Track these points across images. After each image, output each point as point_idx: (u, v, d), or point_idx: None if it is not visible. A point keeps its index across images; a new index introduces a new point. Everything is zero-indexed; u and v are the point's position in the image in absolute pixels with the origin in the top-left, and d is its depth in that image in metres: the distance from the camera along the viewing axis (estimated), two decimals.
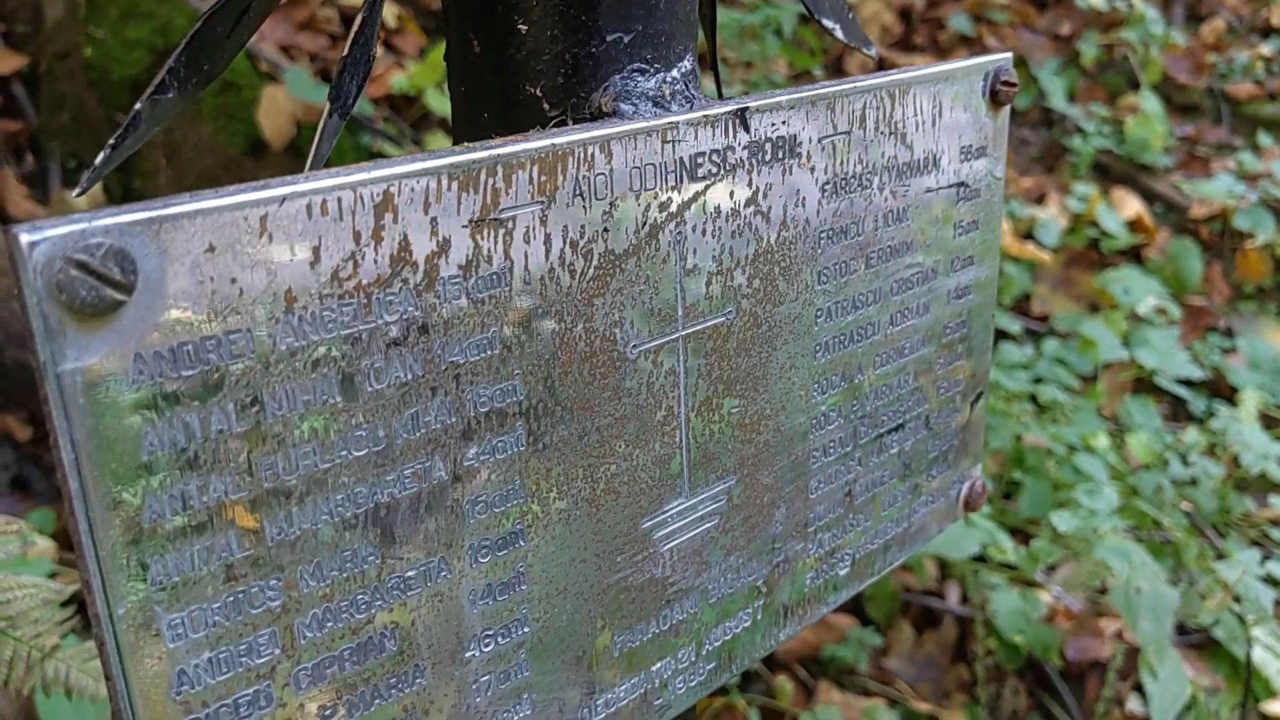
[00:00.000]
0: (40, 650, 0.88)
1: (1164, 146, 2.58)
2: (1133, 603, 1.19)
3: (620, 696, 0.50)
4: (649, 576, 0.50)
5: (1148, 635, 1.16)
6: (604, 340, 0.45)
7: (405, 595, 0.41)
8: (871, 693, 1.80)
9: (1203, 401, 2.05)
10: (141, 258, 0.32)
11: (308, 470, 0.38)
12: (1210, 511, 1.65)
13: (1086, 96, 2.76)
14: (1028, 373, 1.87)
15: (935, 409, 0.63)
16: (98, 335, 0.32)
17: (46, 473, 1.65)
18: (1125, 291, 2.11)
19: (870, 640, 1.81)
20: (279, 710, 0.39)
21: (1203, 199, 2.46)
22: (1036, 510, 1.61)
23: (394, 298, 0.38)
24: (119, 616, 0.34)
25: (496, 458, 0.43)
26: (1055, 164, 2.58)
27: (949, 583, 1.91)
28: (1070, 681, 1.84)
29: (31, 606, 0.90)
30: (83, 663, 0.89)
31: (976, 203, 0.61)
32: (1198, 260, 2.33)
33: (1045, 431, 1.65)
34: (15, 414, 1.68)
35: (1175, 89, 2.78)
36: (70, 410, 0.32)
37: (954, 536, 1.39)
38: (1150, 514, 1.52)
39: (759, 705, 1.73)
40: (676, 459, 0.50)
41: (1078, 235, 2.35)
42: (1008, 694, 1.80)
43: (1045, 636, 1.70)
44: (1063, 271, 2.29)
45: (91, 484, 0.33)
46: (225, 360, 0.35)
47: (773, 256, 0.51)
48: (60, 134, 1.91)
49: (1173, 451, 1.75)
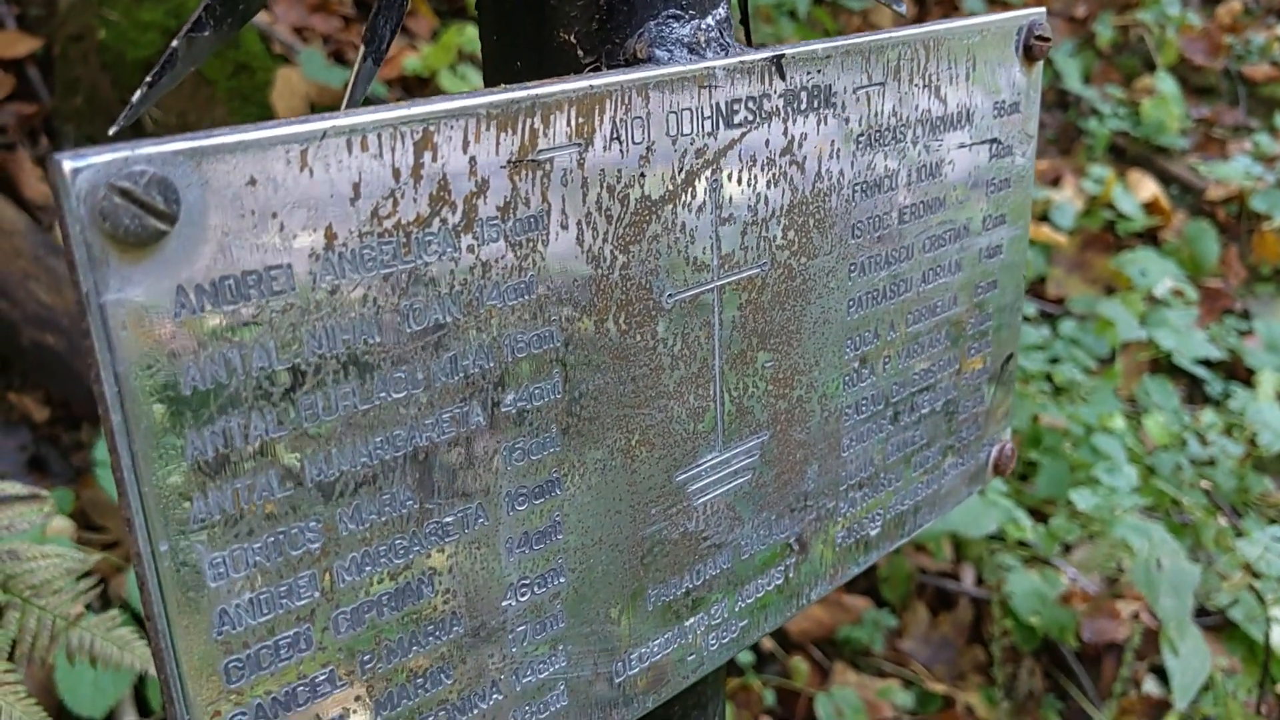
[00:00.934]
0: (64, 619, 0.89)
1: (1180, 128, 2.57)
2: (1154, 579, 1.19)
3: (654, 651, 0.50)
4: (683, 530, 0.50)
5: (1169, 611, 1.16)
6: (640, 288, 0.45)
7: (443, 541, 0.41)
8: (887, 674, 1.80)
9: (1219, 383, 2.04)
10: (184, 188, 0.32)
11: (347, 411, 0.37)
12: (1229, 491, 1.65)
13: (1102, 78, 2.74)
14: (1044, 353, 1.86)
15: (965, 370, 0.63)
16: (140, 266, 0.32)
17: (64, 453, 1.65)
18: (1142, 273, 2.10)
19: (885, 622, 1.81)
20: (318, 654, 0.39)
21: (1219, 181, 2.44)
22: (1054, 490, 1.61)
23: (433, 238, 0.38)
24: (161, 554, 0.34)
25: (533, 404, 0.43)
26: (1071, 146, 2.56)
27: (964, 564, 1.91)
28: (1086, 663, 1.83)
29: (55, 576, 0.90)
30: (107, 631, 0.89)
31: (1008, 160, 0.61)
32: (1214, 242, 2.31)
33: (1063, 411, 1.64)
34: (32, 395, 1.68)
35: (1191, 71, 2.76)
36: (113, 342, 0.32)
37: (973, 514, 1.38)
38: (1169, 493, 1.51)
39: (774, 686, 1.73)
40: (710, 412, 0.49)
41: (1093, 217, 2.34)
42: (1024, 675, 1.80)
43: (1061, 618, 1.70)
44: (1078, 254, 2.28)
45: (134, 418, 0.33)
46: (266, 296, 0.35)
47: (807, 208, 0.50)
48: (74, 116, 1.91)
49: (1190, 431, 1.74)
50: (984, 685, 1.78)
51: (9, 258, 1.60)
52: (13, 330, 1.59)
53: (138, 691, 1.48)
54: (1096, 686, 1.79)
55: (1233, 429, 1.80)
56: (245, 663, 0.37)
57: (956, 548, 1.90)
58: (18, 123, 1.88)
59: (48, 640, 0.88)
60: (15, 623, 0.88)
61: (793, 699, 1.73)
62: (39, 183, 1.81)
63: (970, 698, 1.76)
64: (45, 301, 1.60)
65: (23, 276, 1.60)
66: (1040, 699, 1.78)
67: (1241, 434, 1.76)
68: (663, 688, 0.51)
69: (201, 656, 0.36)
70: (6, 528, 0.91)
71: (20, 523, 0.91)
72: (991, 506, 1.44)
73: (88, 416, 1.63)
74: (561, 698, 0.47)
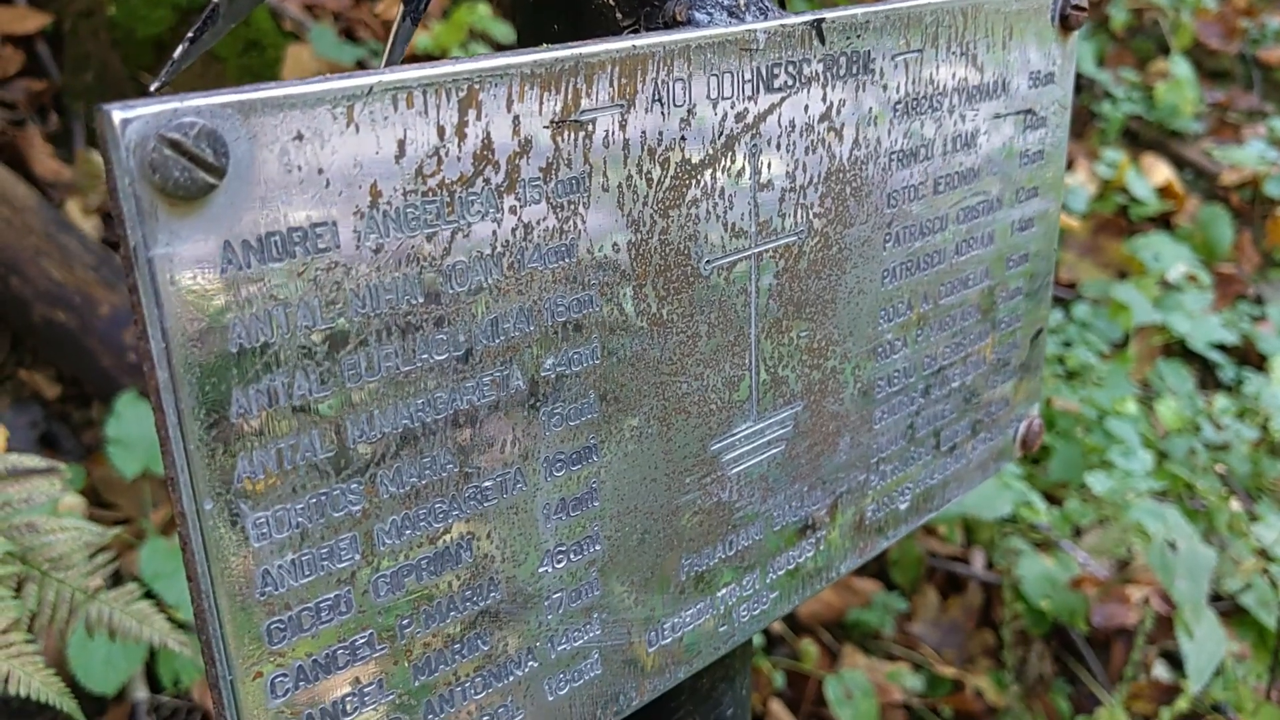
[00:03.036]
0: (83, 592, 0.89)
1: (1194, 112, 2.55)
2: (1169, 562, 1.18)
3: (686, 621, 0.50)
4: (716, 500, 0.49)
5: (1184, 594, 1.15)
6: (678, 254, 0.44)
7: (482, 506, 0.41)
8: (896, 657, 1.80)
9: (1233, 369, 2.03)
10: (232, 141, 0.32)
11: (389, 372, 0.37)
12: (1243, 476, 1.64)
13: (1116, 62, 2.72)
14: (1056, 337, 1.85)
15: (996, 344, 0.62)
16: (188, 220, 0.31)
17: (75, 430, 1.66)
18: (1155, 258, 2.09)
19: (895, 605, 1.81)
20: (358, 617, 0.38)
21: (1233, 165, 2.43)
22: (1067, 474, 1.60)
23: (475, 197, 0.38)
24: (205, 512, 0.34)
25: (572, 370, 0.42)
26: (1084, 130, 2.55)
27: (974, 549, 1.90)
28: (1096, 648, 1.83)
29: (73, 549, 0.90)
30: (125, 605, 0.89)
31: (1043, 132, 0.60)
32: (1228, 227, 2.30)
33: (1076, 395, 1.63)
34: (44, 372, 1.68)
35: (1206, 54, 2.74)
36: (161, 297, 0.31)
37: (987, 496, 1.38)
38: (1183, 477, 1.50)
39: (784, 668, 1.73)
40: (746, 381, 0.49)
41: (1106, 202, 2.32)
42: (1033, 659, 1.80)
43: (1072, 602, 1.70)
44: (1091, 238, 2.27)
45: (180, 375, 0.32)
46: (311, 254, 0.34)
47: (844, 176, 0.50)
48: (84, 93, 1.91)
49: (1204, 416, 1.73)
50: (994, 669, 1.79)
51: (20, 234, 1.60)
52: (24, 307, 1.59)
53: (149, 668, 1.48)
54: (1106, 671, 1.79)
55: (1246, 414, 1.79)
56: (287, 624, 0.37)
57: (967, 532, 1.90)
58: (27, 99, 1.87)
59: (66, 613, 0.88)
60: (34, 595, 0.88)
61: (802, 681, 1.73)
62: (49, 159, 1.80)
63: (980, 681, 1.76)
64: (56, 279, 1.60)
65: (34, 253, 1.60)
66: (1050, 683, 1.78)
67: (1255, 419, 1.76)
68: (695, 658, 0.51)
69: (244, 617, 0.35)
70: (25, 500, 0.91)
71: (38, 496, 0.91)
72: (1006, 489, 1.43)
73: (99, 394, 1.63)
74: (595, 666, 0.46)
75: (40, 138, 1.82)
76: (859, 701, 1.68)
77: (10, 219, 1.60)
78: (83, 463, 1.59)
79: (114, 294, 1.61)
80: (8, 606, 0.84)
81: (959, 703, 1.72)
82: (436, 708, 0.41)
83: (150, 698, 1.47)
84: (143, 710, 1.45)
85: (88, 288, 1.60)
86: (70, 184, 1.79)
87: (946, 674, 1.75)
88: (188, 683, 1.45)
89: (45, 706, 1.45)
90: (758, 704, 1.71)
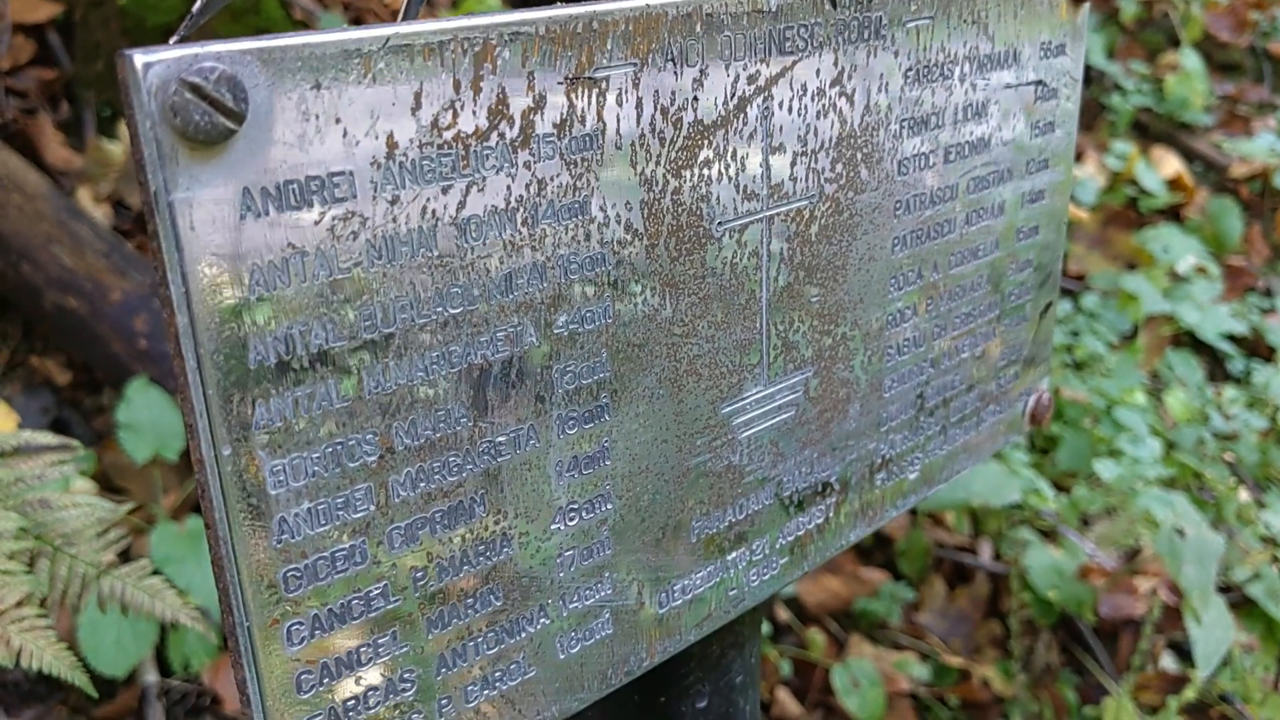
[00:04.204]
0: (95, 568, 0.89)
1: (1204, 105, 2.54)
2: (1177, 548, 1.18)
3: (697, 584, 0.50)
4: (727, 463, 0.50)
5: (1192, 580, 1.15)
6: (691, 214, 0.45)
7: (496, 461, 0.41)
8: (903, 646, 1.80)
9: (1242, 361, 2.03)
10: (251, 88, 0.32)
11: (405, 324, 0.37)
12: (1252, 465, 1.64)
13: (1126, 54, 2.71)
14: (1065, 327, 1.85)
15: (1005, 315, 0.63)
16: (208, 166, 0.32)
17: (86, 416, 1.66)
18: (1164, 250, 2.09)
19: (902, 595, 1.81)
20: (373, 568, 0.39)
21: (1243, 158, 2.42)
22: (1075, 463, 1.60)
23: (490, 152, 0.38)
24: (224, 458, 0.34)
25: (585, 328, 0.43)
26: (1094, 122, 2.54)
27: (982, 539, 1.90)
28: (1103, 638, 1.83)
29: (86, 525, 0.90)
30: (138, 580, 0.90)
31: (1054, 103, 0.60)
32: (1237, 220, 2.30)
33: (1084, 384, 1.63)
34: (55, 358, 1.69)
35: (1216, 47, 2.73)
36: (181, 241, 0.32)
37: (995, 483, 1.38)
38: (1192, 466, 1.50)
39: (791, 656, 1.74)
40: (757, 345, 0.49)
41: (1116, 194, 2.32)
42: (1040, 649, 1.80)
43: (1079, 593, 1.70)
44: (1100, 231, 2.27)
45: (200, 321, 0.33)
46: (329, 203, 0.35)
47: (855, 142, 0.50)
48: (95, 82, 1.92)
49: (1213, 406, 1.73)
50: (1001, 659, 1.79)
51: (31, 221, 1.60)
52: (35, 293, 1.60)
53: (159, 652, 1.49)
54: (1114, 662, 1.79)
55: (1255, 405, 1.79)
56: (303, 573, 0.37)
57: (974, 522, 1.90)
58: (38, 88, 1.88)
59: (79, 588, 0.89)
60: (46, 571, 0.89)
61: (809, 670, 1.74)
62: (60, 147, 1.81)
63: (987, 671, 1.76)
64: (68, 265, 1.61)
65: (45, 240, 1.61)
66: (1057, 673, 1.78)
67: (1265, 409, 1.76)
68: (705, 621, 0.51)
69: (261, 564, 0.36)
70: (37, 477, 0.91)
71: (51, 472, 0.92)
72: (1014, 476, 1.43)
73: (109, 380, 1.64)
74: (607, 625, 0.47)
75: (51, 126, 1.83)
76: (866, 690, 1.68)
77: (22, 206, 1.61)
78: (94, 448, 1.60)
79: (125, 281, 1.62)
80: (21, 581, 0.85)
81: (966, 692, 1.72)
82: (449, 661, 0.42)
83: (160, 681, 1.48)
84: (153, 693, 1.46)
85: (99, 274, 1.61)
86: (81, 172, 1.80)
87: (953, 664, 1.75)
88: (198, 666, 1.46)
89: (56, 688, 1.46)
90: (765, 692, 1.71)
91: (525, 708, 0.45)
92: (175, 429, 1.52)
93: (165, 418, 1.52)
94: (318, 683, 0.38)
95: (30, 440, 0.92)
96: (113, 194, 1.81)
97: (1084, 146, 2.45)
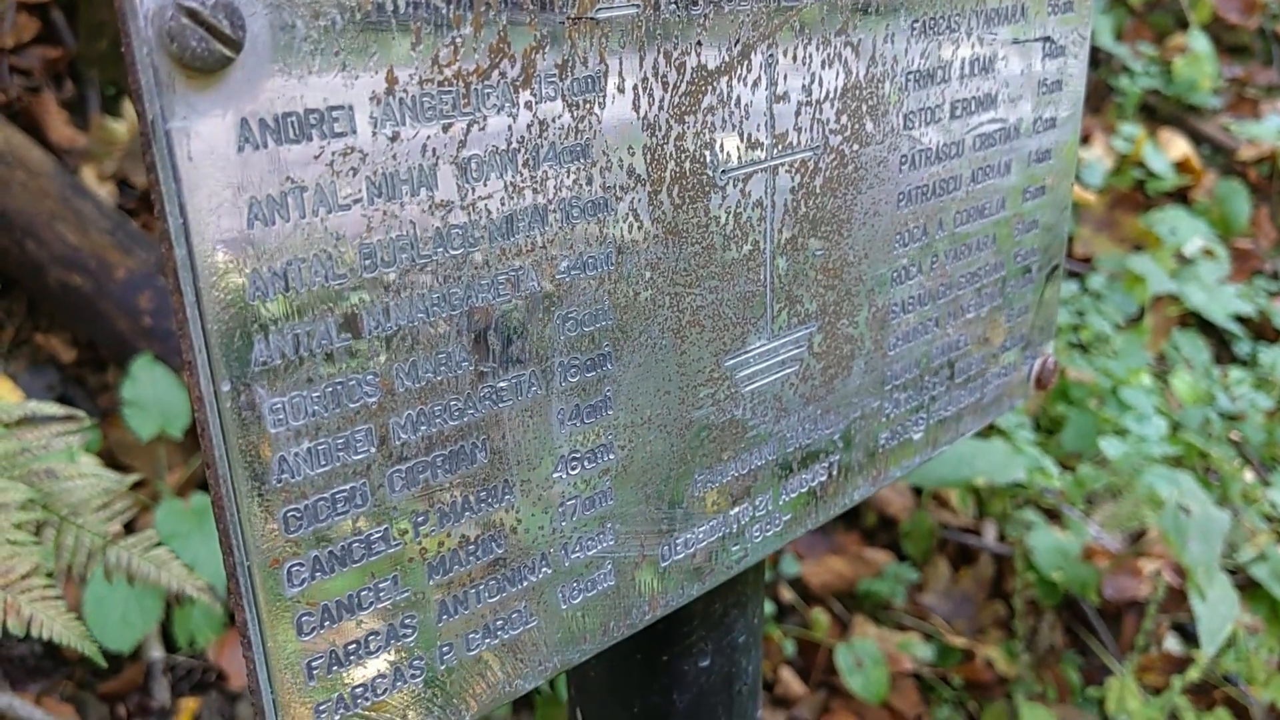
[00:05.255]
0: (102, 537, 0.89)
1: (1213, 87, 2.53)
2: (1182, 525, 1.18)
3: (699, 538, 0.50)
4: (730, 417, 0.49)
5: (1197, 556, 1.15)
6: (694, 162, 0.44)
7: (497, 406, 0.41)
8: (907, 627, 1.80)
9: (1248, 344, 2.02)
10: (249, 15, 0.32)
11: (405, 264, 0.37)
12: (1258, 445, 1.63)
13: (1134, 36, 2.70)
14: (1070, 308, 1.84)
15: (1011, 276, 0.62)
16: (205, 95, 0.32)
17: (91, 394, 1.67)
18: (1171, 232, 2.07)
19: (906, 576, 1.81)
20: (373, 511, 0.39)
21: (1251, 141, 2.41)
22: (1081, 444, 1.60)
23: (491, 90, 0.38)
24: (223, 394, 0.34)
25: (586, 274, 0.42)
26: (1101, 104, 2.53)
27: (986, 521, 1.90)
28: (1107, 620, 1.83)
29: (92, 495, 0.90)
30: (144, 551, 0.90)
31: (1062, 61, 0.59)
32: (1245, 202, 2.28)
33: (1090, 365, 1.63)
34: (60, 335, 1.69)
35: (1225, 29, 2.71)
36: (179, 171, 0.32)
37: (1000, 461, 1.38)
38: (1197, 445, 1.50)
39: (795, 636, 1.74)
40: (761, 298, 0.49)
41: (1123, 176, 2.31)
42: (1044, 629, 1.80)
43: (1083, 574, 1.69)
44: (1107, 213, 2.26)
45: (198, 253, 0.33)
46: (328, 137, 0.34)
47: (860, 93, 0.50)
48: (99, 61, 1.91)
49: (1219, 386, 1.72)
50: (1004, 640, 1.79)
51: (36, 198, 1.60)
52: (40, 271, 1.60)
53: (164, 629, 1.50)
54: (1117, 643, 1.79)
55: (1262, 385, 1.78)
56: (303, 513, 0.37)
57: (979, 503, 1.90)
58: (43, 66, 1.88)
59: (85, 558, 0.89)
60: (53, 540, 0.89)
61: (813, 650, 1.74)
62: (64, 126, 1.81)
63: (990, 651, 1.76)
64: (72, 242, 1.61)
65: (50, 217, 1.61)
66: (1060, 654, 1.78)
67: (1271, 390, 1.75)
68: (707, 576, 0.51)
69: (261, 501, 0.36)
70: (44, 447, 0.91)
71: (57, 443, 0.92)
72: (1019, 454, 1.43)
73: (114, 358, 1.64)
74: (609, 577, 0.47)
75: (55, 104, 1.83)
76: (869, 670, 1.68)
77: (26, 183, 1.60)
78: (99, 426, 1.60)
79: (129, 258, 1.62)
80: (30, 551, 0.85)
81: (969, 672, 1.72)
82: (450, 608, 0.42)
83: (166, 657, 1.48)
84: (158, 669, 1.47)
85: (103, 252, 1.61)
86: (85, 150, 1.80)
87: (957, 644, 1.75)
88: (203, 643, 1.47)
89: (63, 663, 1.46)
90: (769, 671, 1.71)
91: (527, 657, 0.44)
92: (180, 406, 1.52)
93: (170, 395, 1.52)
94: (319, 625, 0.38)
95: (36, 411, 0.92)
96: (117, 173, 1.81)
97: (1091, 129, 2.44)
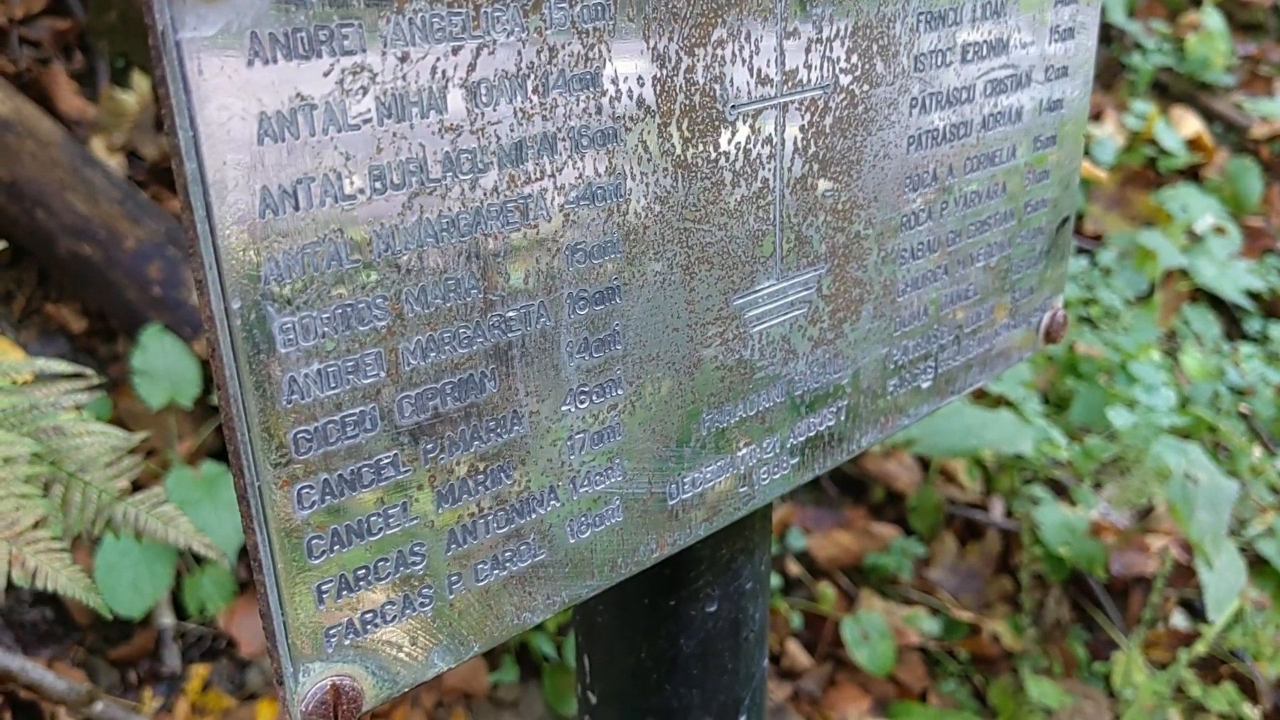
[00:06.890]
0: (110, 494, 0.90)
1: (1225, 65, 2.51)
2: (1189, 494, 1.18)
3: (707, 478, 0.50)
4: (738, 357, 0.50)
5: (1204, 525, 1.15)
6: (704, 95, 0.44)
7: (506, 336, 0.41)
8: (913, 601, 1.80)
9: (1259, 321, 2.01)
10: None
11: (414, 187, 0.37)
12: (1267, 420, 1.63)
13: (1147, 13, 2.67)
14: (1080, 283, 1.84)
15: (1022, 227, 0.62)
16: (215, 6, 0.32)
17: (101, 363, 1.67)
18: (1183, 209, 2.06)
19: (913, 550, 1.81)
20: (383, 435, 0.39)
21: (1264, 118, 2.39)
22: (1089, 418, 1.60)
23: (501, 14, 0.37)
24: (233, 311, 0.34)
25: (595, 205, 0.42)
26: (1113, 81, 2.51)
27: (993, 496, 1.90)
28: (1114, 595, 1.83)
29: (101, 452, 0.91)
30: (151, 508, 0.90)
31: (1075, 7, 0.59)
32: (1257, 180, 2.27)
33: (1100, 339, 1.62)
34: (70, 306, 1.70)
35: (1238, 6, 2.69)
36: (189, 85, 0.32)
37: (1008, 432, 1.38)
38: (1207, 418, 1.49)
39: (801, 609, 1.74)
40: (770, 237, 0.49)
41: (1135, 154, 2.29)
42: (1051, 604, 1.80)
43: (1090, 550, 1.69)
44: (1118, 190, 2.24)
45: (207, 165, 0.33)
46: (337, 54, 0.34)
47: (871, 33, 0.49)
48: (108, 33, 1.91)
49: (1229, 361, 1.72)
50: (1011, 614, 1.79)
51: (46, 168, 1.61)
52: (50, 240, 1.60)
53: (174, 596, 1.51)
54: (1124, 618, 1.79)
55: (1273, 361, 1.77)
56: (313, 435, 0.37)
57: (986, 479, 1.90)
58: (52, 38, 1.88)
59: (93, 514, 0.90)
60: (60, 497, 0.90)
61: (819, 623, 1.74)
62: (74, 96, 1.81)
63: (997, 626, 1.76)
64: (82, 212, 1.61)
65: (59, 187, 1.61)
66: (1067, 629, 1.78)
67: None
68: (715, 516, 0.51)
69: (271, 421, 0.36)
70: (52, 404, 0.92)
71: (65, 400, 0.92)
72: (1028, 425, 1.43)
73: (124, 328, 1.65)
74: (617, 513, 0.47)
75: (65, 75, 1.83)
76: (876, 643, 1.68)
77: (36, 153, 1.61)
78: (109, 395, 1.61)
79: (139, 228, 1.62)
80: (36, 504, 0.86)
81: (975, 646, 1.73)
82: (459, 537, 0.42)
83: (176, 624, 1.49)
84: (169, 635, 1.48)
85: (113, 222, 1.62)
86: (94, 122, 1.80)
87: (963, 618, 1.75)
88: (214, 610, 1.47)
89: (73, 628, 1.47)
90: (775, 644, 1.72)
91: (535, 590, 0.45)
92: (190, 375, 1.53)
93: (180, 364, 1.53)
94: (328, 549, 0.38)
95: (44, 368, 0.92)
96: (126, 144, 1.81)
97: (1103, 106, 2.43)
